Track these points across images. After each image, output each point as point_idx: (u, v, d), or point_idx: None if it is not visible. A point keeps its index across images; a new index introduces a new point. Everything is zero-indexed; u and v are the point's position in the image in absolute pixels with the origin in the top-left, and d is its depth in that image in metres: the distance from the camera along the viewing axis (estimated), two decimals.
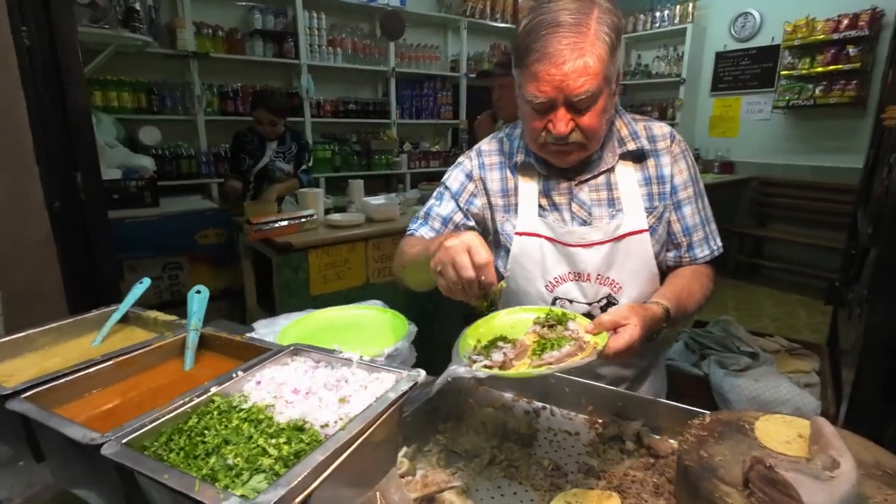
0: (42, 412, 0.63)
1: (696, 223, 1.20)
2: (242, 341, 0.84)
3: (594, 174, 1.16)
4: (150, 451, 0.58)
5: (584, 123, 1.02)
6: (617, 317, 0.91)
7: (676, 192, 1.18)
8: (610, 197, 1.16)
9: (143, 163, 3.59)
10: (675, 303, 1.05)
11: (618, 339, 0.89)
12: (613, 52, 0.99)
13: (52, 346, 0.90)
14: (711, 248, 1.21)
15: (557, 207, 1.18)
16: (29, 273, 1.32)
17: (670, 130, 1.19)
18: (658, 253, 1.17)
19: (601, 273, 1.16)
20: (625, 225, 1.14)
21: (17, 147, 1.26)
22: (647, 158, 1.17)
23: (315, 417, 0.62)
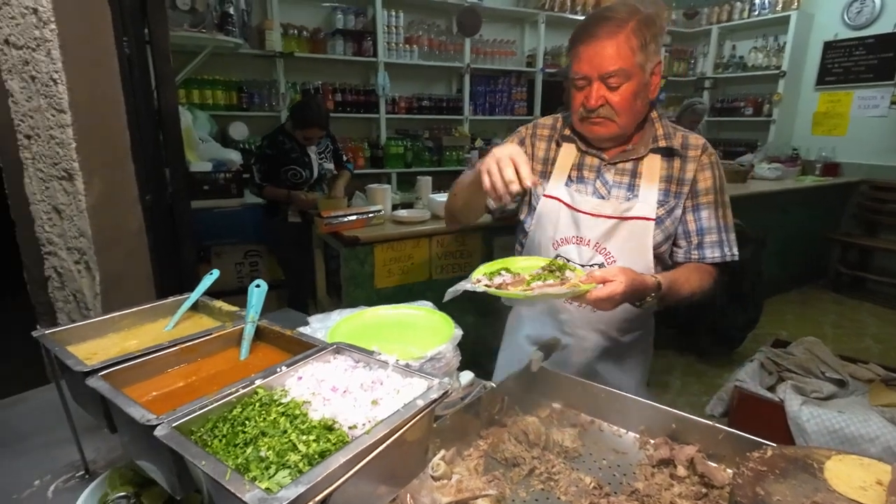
0: (112, 390, 0.71)
1: (711, 226, 1.30)
2: (292, 336, 0.89)
3: (624, 160, 1.30)
4: (196, 435, 0.63)
5: (614, 101, 1.20)
6: (607, 273, 1.06)
7: (698, 195, 1.29)
8: (631, 182, 1.30)
9: (231, 156, 3.87)
10: (669, 281, 1.18)
11: (601, 289, 1.04)
12: (645, 47, 1.17)
13: (131, 329, 1.00)
14: (724, 252, 1.30)
15: (584, 180, 1.34)
16: (124, 259, 1.47)
17: (704, 143, 1.31)
18: (660, 244, 1.29)
19: (600, 242, 1.30)
20: (635, 209, 1.27)
21: (117, 146, 1.40)
22: (674, 158, 1.29)
23: (345, 418, 0.65)
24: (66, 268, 1.47)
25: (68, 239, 1.43)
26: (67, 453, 1.01)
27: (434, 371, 1.00)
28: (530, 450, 1.02)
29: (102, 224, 1.40)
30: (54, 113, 1.32)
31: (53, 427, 1.10)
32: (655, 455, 1.01)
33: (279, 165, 3.29)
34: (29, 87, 1.33)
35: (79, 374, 0.76)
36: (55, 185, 1.40)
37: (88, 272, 1.43)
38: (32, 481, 0.98)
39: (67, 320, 1.54)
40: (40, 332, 0.89)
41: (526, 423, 1.06)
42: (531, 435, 1.03)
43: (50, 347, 0.84)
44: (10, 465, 1.03)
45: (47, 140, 1.35)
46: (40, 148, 1.37)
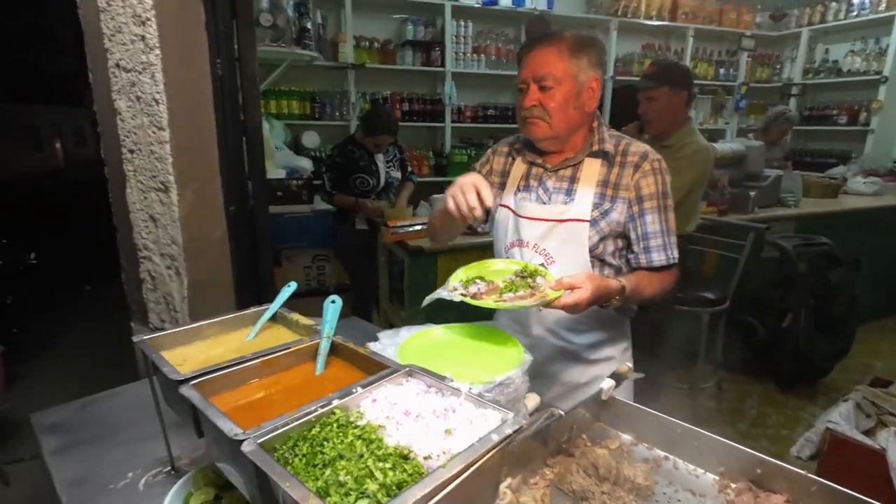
0: (202, 400, 0.75)
1: (655, 231, 1.35)
2: (366, 354, 0.91)
3: (564, 167, 1.39)
4: (279, 453, 0.65)
5: (547, 103, 1.30)
6: (574, 280, 1.12)
7: (643, 201, 1.34)
8: (570, 187, 1.38)
9: (303, 164, 4.05)
10: (633, 284, 1.27)
11: (569, 296, 1.11)
12: (578, 58, 1.29)
13: (216, 337, 1.06)
14: (668, 255, 1.37)
15: (529, 188, 1.43)
16: (209, 265, 1.58)
17: (645, 150, 1.36)
18: (596, 244, 1.36)
19: (538, 243, 1.38)
20: (571, 211, 1.35)
21: (207, 160, 1.51)
22: (613, 165, 1.36)
23: (420, 446, 0.65)
24: (158, 272, 1.59)
25: (162, 245, 1.55)
26: (156, 448, 1.09)
27: (502, 397, 0.98)
28: (600, 484, 0.99)
29: (192, 233, 1.50)
30: (155, 130, 1.43)
31: (144, 422, 1.18)
32: (737, 502, 0.95)
33: (348, 173, 3.40)
34: (134, 107, 1.46)
35: (173, 382, 0.81)
36: (153, 195, 1.52)
37: (178, 277, 1.54)
38: (126, 473, 1.06)
39: (157, 320, 1.67)
40: (139, 338, 0.97)
41: (596, 456, 1.02)
42: (601, 468, 1.00)
43: (147, 353, 0.91)
44: (108, 456, 1.12)
45: (148, 154, 1.47)
46: (141, 161, 1.50)
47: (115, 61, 1.46)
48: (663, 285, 1.38)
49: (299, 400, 0.83)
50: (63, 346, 4.26)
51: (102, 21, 1.45)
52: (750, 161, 3.69)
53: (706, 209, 3.38)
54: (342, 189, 3.42)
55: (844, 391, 3.40)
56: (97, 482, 1.04)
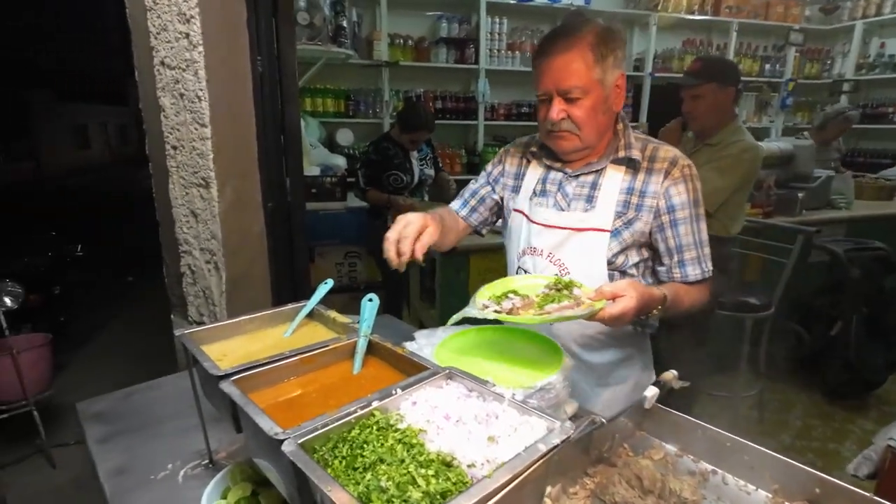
0: (242, 397, 0.75)
1: (689, 242, 1.26)
2: (404, 355, 0.89)
3: (586, 172, 1.29)
4: (319, 454, 0.64)
5: (575, 115, 1.20)
6: (617, 288, 1.03)
7: (674, 210, 1.25)
8: (590, 194, 1.28)
9: (337, 162, 4.09)
10: (673, 295, 1.18)
11: (614, 306, 1.01)
12: (602, 60, 1.18)
13: (255, 332, 1.06)
14: (703, 269, 1.28)
15: (546, 194, 1.34)
16: (247, 261, 1.59)
17: (675, 156, 1.26)
18: (616, 255, 1.27)
19: (553, 252, 1.30)
20: (590, 220, 1.26)
21: (247, 157, 1.52)
22: (639, 171, 1.26)
23: (463, 453, 0.63)
24: (198, 266, 1.62)
25: (202, 240, 1.57)
26: (194, 441, 1.10)
27: (543, 403, 0.95)
28: (644, 497, 0.94)
29: (231, 228, 1.52)
30: (197, 126, 1.46)
31: (183, 414, 1.21)
32: None
33: (383, 170, 3.41)
34: (178, 104, 1.48)
35: (213, 377, 0.81)
36: (194, 191, 1.54)
37: (217, 271, 1.57)
38: (166, 464, 1.08)
39: (196, 313, 1.70)
40: (181, 331, 0.98)
41: (640, 467, 0.98)
42: (646, 481, 0.95)
43: (189, 347, 0.91)
44: (148, 446, 1.14)
45: (190, 151, 1.49)
46: (184, 158, 1.52)
47: (160, 59, 1.49)
48: (700, 299, 1.29)
49: (337, 399, 0.82)
50: (106, 336, 4.43)
51: (149, 19, 1.48)
52: (799, 161, 3.53)
53: (750, 211, 3.24)
54: (376, 186, 3.44)
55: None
56: (138, 472, 1.06)
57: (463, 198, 1.51)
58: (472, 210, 1.49)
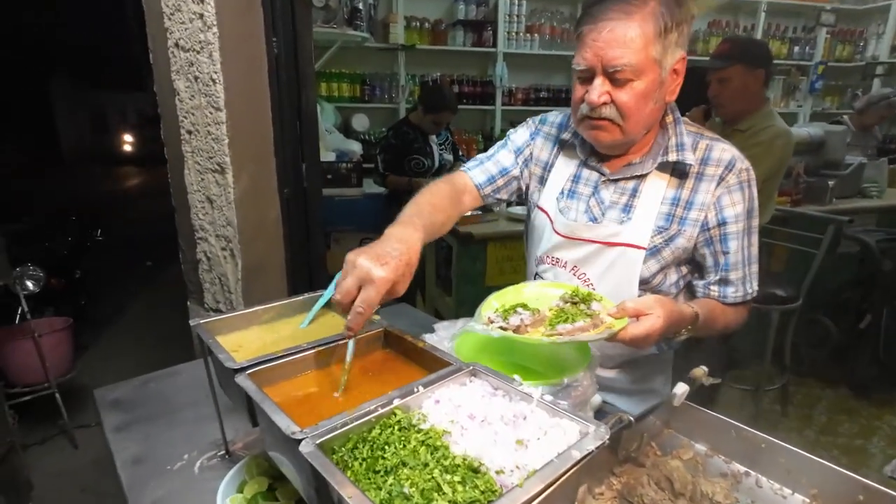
0: (258, 393, 0.72)
1: (737, 261, 1.10)
2: (425, 349, 0.85)
3: (626, 177, 1.12)
4: (338, 455, 0.61)
5: (620, 100, 1.00)
6: (642, 305, 0.90)
7: (725, 223, 1.08)
8: (628, 203, 1.12)
9: (352, 147, 4.05)
10: (707, 314, 1.03)
11: (637, 326, 0.88)
12: (665, 35, 0.96)
13: (271, 323, 1.04)
14: (746, 290, 1.13)
15: (576, 196, 1.17)
16: (263, 248, 1.57)
17: (732, 158, 1.07)
18: (654, 274, 1.12)
19: (577, 266, 1.16)
20: (625, 234, 1.10)
21: (262, 142, 1.49)
22: (686, 178, 1.09)
23: (490, 458, 0.59)
24: (214, 253, 1.60)
25: (217, 227, 1.55)
26: (211, 430, 1.09)
27: (570, 400, 0.91)
28: (675, 500, 0.90)
29: (247, 215, 1.50)
30: (212, 111, 1.42)
31: (200, 403, 1.19)
32: None
33: (402, 155, 3.38)
34: (192, 87, 1.45)
35: (229, 371, 0.79)
36: (209, 177, 1.52)
37: (232, 258, 1.54)
38: (182, 455, 1.07)
39: (212, 300, 1.68)
40: (196, 321, 0.95)
41: (670, 468, 0.93)
42: (677, 483, 0.91)
43: (204, 338, 0.89)
44: (165, 435, 1.13)
45: (205, 136, 1.46)
46: (199, 143, 1.50)
47: (174, 41, 1.46)
48: (737, 320, 1.14)
49: (357, 396, 0.79)
50: (127, 319, 4.50)
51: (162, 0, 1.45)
52: (829, 147, 3.39)
53: (778, 199, 3.12)
54: (395, 171, 3.41)
55: None
56: (155, 462, 1.05)
57: (488, 172, 1.27)
58: (495, 190, 1.28)
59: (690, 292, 1.18)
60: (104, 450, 1.13)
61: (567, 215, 1.17)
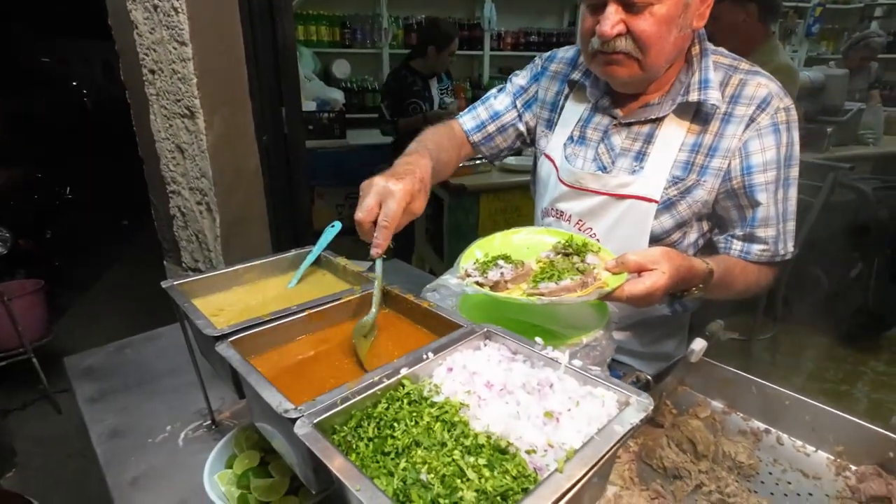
0: (243, 364, 0.63)
1: (768, 216, 0.96)
2: (431, 310, 0.76)
3: (640, 120, 0.99)
4: (340, 435, 0.53)
5: (638, 29, 0.86)
6: (645, 259, 0.78)
7: (751, 171, 0.93)
8: (641, 150, 0.99)
9: (334, 95, 3.82)
10: (723, 270, 0.90)
11: (637, 283, 0.76)
12: None
13: (255, 283, 0.93)
14: (777, 250, 0.98)
15: (585, 142, 1.06)
16: (242, 201, 1.44)
17: (768, 94, 0.92)
18: (669, 231, 1.00)
19: (583, 220, 1.05)
20: (634, 186, 0.98)
21: (235, 83, 1.34)
22: (710, 121, 0.95)
23: (518, 435, 0.51)
24: (188, 208, 1.47)
25: (191, 179, 1.41)
26: (195, 399, 1.00)
27: (588, 360, 0.83)
28: (697, 461, 0.85)
29: (222, 165, 1.36)
30: (176, 45, 1.26)
31: (182, 369, 1.10)
32: (864, 489, 0.80)
33: (401, 99, 3.24)
34: (152, 18, 1.28)
35: (209, 339, 0.69)
36: (178, 122, 1.36)
37: (209, 213, 1.42)
38: (165, 426, 0.98)
39: (191, 259, 1.57)
40: (169, 283, 0.84)
41: (692, 429, 0.88)
42: (700, 445, 0.86)
43: (179, 302, 0.78)
44: (146, 406, 1.04)
45: (170, 75, 1.30)
46: (164, 83, 1.33)
47: None
48: (759, 282, 1.00)
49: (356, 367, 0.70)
50: (105, 281, 4.34)
51: None
52: (829, 92, 3.29)
53: None
54: (403, 115, 3.27)
55: None
56: (135, 435, 0.96)
57: (479, 119, 1.19)
58: (487, 137, 1.19)
59: (711, 248, 1.06)
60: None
61: (573, 163, 1.06)
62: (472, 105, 1.22)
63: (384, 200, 0.77)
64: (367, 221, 0.78)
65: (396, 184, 0.78)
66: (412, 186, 0.79)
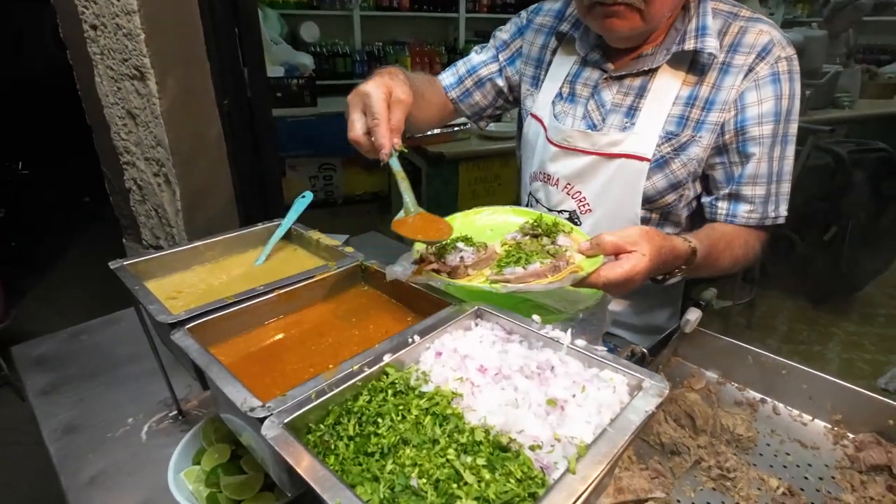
0: (203, 354, 0.55)
1: (759, 173, 0.90)
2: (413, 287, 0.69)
3: (632, 72, 0.92)
4: (315, 435, 0.46)
5: None
6: (623, 240, 0.70)
7: (745, 125, 0.87)
8: (633, 105, 0.93)
9: (303, 60, 3.63)
10: (707, 247, 0.84)
11: (615, 267, 0.69)
12: None
13: (218, 261, 0.85)
14: (767, 211, 0.92)
15: (575, 99, 0.99)
16: (205, 172, 1.33)
17: (769, 42, 0.86)
18: (662, 192, 0.93)
19: (571, 183, 0.99)
20: (625, 144, 0.92)
21: (189, 39, 1.20)
22: (706, 72, 0.88)
23: (520, 428, 0.45)
24: (145, 180, 1.35)
25: (145, 148, 1.29)
26: (159, 388, 0.92)
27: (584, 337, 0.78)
28: (696, 436, 0.82)
29: (179, 132, 1.24)
30: None
31: (144, 356, 0.99)
32: (864, 458, 0.78)
33: None
34: None
35: (164, 326, 0.61)
36: (127, 85, 1.23)
37: (168, 186, 1.30)
38: (126, 418, 0.90)
39: (151, 236, 1.45)
40: (118, 262, 0.75)
41: (690, 403, 0.84)
42: (699, 419, 0.82)
43: (129, 285, 0.69)
44: (104, 397, 0.96)
45: (114, 31, 1.16)
46: (108, 41, 1.19)
47: None
48: (747, 248, 0.93)
49: (334, 350, 0.63)
50: (67, 262, 4.13)
51: None
52: (808, 54, 3.25)
53: None
54: None
55: (881, 307, 3.29)
56: (92, 429, 0.88)
57: (457, 73, 1.12)
58: (465, 93, 1.11)
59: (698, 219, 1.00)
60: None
61: (562, 121, 0.99)
62: (453, 63, 1.14)
63: (365, 106, 0.72)
64: (360, 135, 0.73)
65: (365, 85, 0.74)
66: (382, 79, 0.75)
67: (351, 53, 4.21)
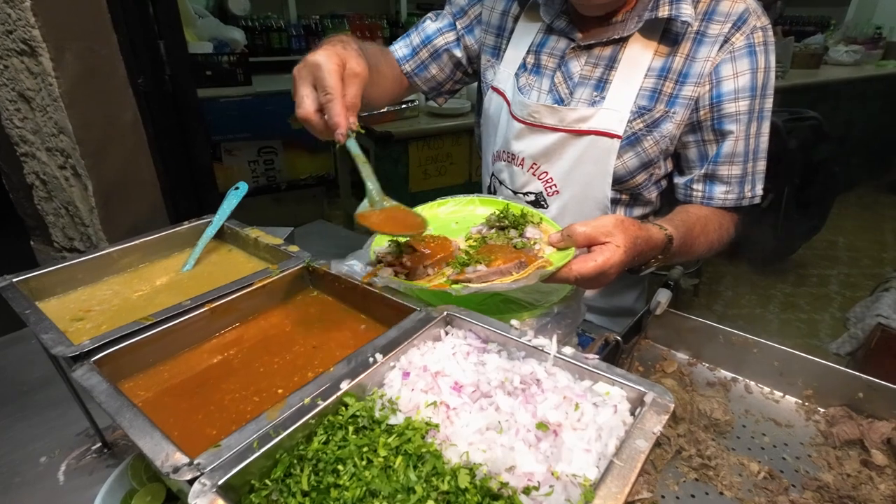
0: (112, 394, 0.44)
1: (735, 152, 0.86)
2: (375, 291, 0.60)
3: (602, 41, 0.86)
4: (261, 495, 0.37)
5: None
6: (596, 231, 0.65)
7: (721, 102, 0.83)
8: (602, 77, 0.87)
9: (233, 35, 3.34)
10: (683, 234, 0.80)
11: (587, 260, 0.64)
12: None
13: (136, 269, 0.72)
14: (743, 191, 0.90)
15: (541, 70, 0.92)
16: (121, 163, 1.17)
17: (745, 11, 0.81)
18: (633, 171, 0.88)
19: (537, 162, 0.93)
20: (594, 120, 0.86)
21: (89, 6, 1.03)
22: (680, 42, 0.83)
23: (509, 464, 0.38)
24: (49, 173, 1.17)
25: (45, 137, 1.11)
26: (78, 416, 0.79)
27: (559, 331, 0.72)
28: (675, 426, 0.79)
29: (86, 117, 1.07)
30: None
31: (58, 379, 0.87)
32: (837, 433, 0.77)
33: None
34: None
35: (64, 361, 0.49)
36: (15, 62, 1.04)
37: (78, 179, 1.13)
38: (38, 457, 0.77)
39: (63, 237, 1.27)
40: (6, 280, 0.62)
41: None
42: (678, 407, 0.79)
43: (18, 309, 0.56)
44: (10, 431, 0.81)
45: None
46: None
47: None
48: (721, 231, 0.90)
49: (283, 372, 0.54)
50: None
51: None
52: None
53: None
54: None
55: (813, 268, 3.50)
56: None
57: (411, 44, 1.02)
58: (420, 65, 1.02)
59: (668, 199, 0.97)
60: None
61: (527, 95, 0.91)
62: (406, 33, 1.04)
63: (316, 79, 0.63)
64: (310, 112, 0.63)
65: (315, 55, 0.64)
66: (334, 48, 0.65)
67: (286, 28, 3.95)
